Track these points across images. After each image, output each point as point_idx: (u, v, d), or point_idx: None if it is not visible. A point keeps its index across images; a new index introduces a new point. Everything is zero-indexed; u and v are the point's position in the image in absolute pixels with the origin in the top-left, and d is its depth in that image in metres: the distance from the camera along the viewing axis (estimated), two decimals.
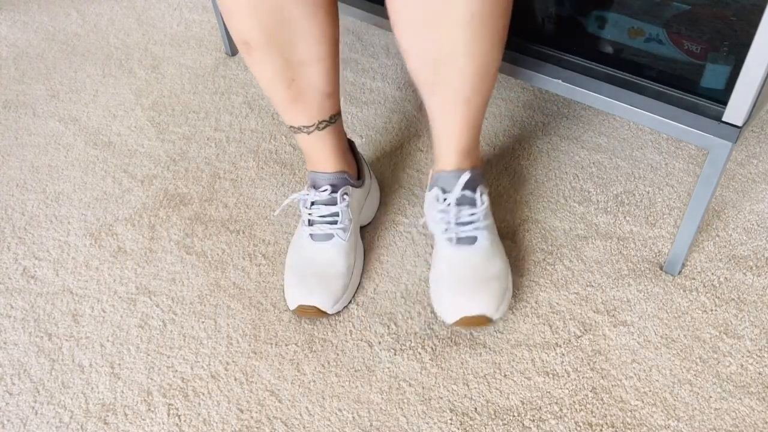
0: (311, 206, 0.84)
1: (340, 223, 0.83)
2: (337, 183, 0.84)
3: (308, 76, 0.75)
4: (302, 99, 0.78)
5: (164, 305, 0.84)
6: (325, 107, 0.80)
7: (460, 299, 0.75)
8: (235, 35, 0.72)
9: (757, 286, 0.83)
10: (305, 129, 0.81)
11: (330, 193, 0.83)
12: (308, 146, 0.83)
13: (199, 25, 1.41)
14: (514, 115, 1.12)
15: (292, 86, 0.76)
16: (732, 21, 0.67)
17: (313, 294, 0.79)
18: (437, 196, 0.80)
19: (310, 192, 0.84)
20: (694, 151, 1.04)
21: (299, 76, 0.75)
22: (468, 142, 0.77)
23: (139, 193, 1.00)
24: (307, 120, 0.80)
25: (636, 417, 0.71)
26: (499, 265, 0.79)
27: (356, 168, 0.90)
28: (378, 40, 1.32)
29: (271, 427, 0.71)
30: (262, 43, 0.70)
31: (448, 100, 0.72)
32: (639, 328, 0.79)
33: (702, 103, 0.71)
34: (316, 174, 0.84)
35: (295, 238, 0.86)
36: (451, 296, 0.76)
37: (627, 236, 0.90)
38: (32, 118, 1.16)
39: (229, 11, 0.69)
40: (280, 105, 0.79)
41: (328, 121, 0.82)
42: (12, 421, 0.73)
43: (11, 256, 0.91)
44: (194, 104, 1.18)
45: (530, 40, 0.82)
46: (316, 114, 0.80)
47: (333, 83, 0.79)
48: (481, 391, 0.74)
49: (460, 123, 0.75)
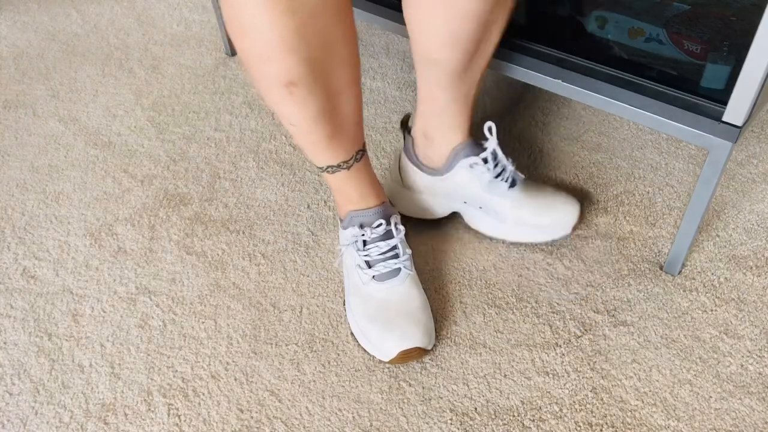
0: (365, 246, 0.79)
1: (402, 255, 0.79)
2: (386, 214, 0.79)
3: (345, 104, 0.70)
4: (341, 131, 0.72)
5: (164, 305, 0.84)
6: (358, 136, 0.76)
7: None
8: (271, 80, 0.64)
9: (757, 286, 0.83)
10: (345, 164, 0.75)
11: (385, 227, 0.78)
12: (347, 183, 0.78)
13: (199, 25, 1.41)
14: (514, 115, 1.12)
15: (331, 120, 0.70)
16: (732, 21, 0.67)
17: (408, 336, 0.74)
18: None
19: (365, 231, 0.78)
20: (694, 151, 1.04)
21: (338, 107, 0.70)
22: None
23: (139, 193, 1.00)
24: (346, 154, 0.75)
25: (636, 417, 0.71)
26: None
27: None
28: (378, 40, 1.32)
29: (271, 427, 0.71)
30: (308, 78, 0.64)
31: None
32: (639, 328, 0.79)
33: (702, 103, 0.71)
34: (361, 212, 0.79)
35: (354, 287, 0.80)
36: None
37: (627, 236, 0.90)
38: (32, 118, 1.16)
39: (261, 54, 0.62)
40: (318, 144, 0.73)
41: (362, 150, 0.78)
42: (12, 421, 0.73)
43: (11, 256, 0.91)
44: (194, 104, 1.18)
45: (531, 40, 0.82)
46: (353, 144, 0.75)
47: (361, 108, 0.75)
48: (481, 391, 0.74)
49: None
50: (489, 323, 0.81)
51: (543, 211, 0.85)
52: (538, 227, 0.85)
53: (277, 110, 0.69)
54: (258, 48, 0.61)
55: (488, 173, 0.83)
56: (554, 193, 0.88)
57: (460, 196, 0.86)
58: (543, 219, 0.85)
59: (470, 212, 0.88)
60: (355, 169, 0.77)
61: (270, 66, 0.62)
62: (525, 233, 0.86)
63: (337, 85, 0.68)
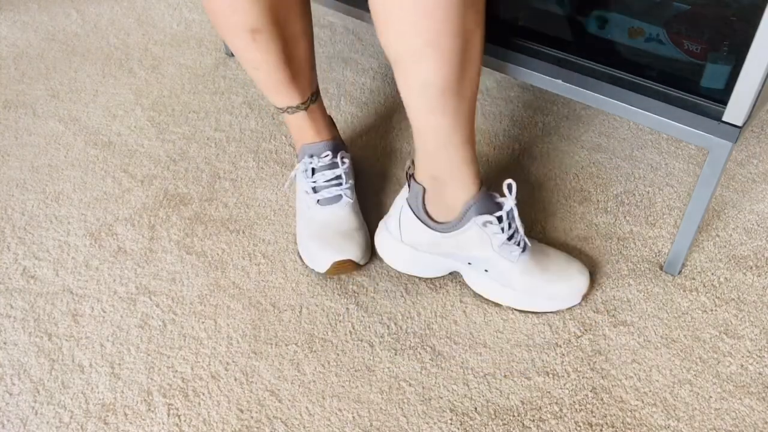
0: (313, 174, 0.89)
1: (345, 183, 0.89)
2: (335, 148, 0.90)
3: (301, 50, 0.84)
4: (298, 75, 0.85)
5: (164, 305, 0.84)
6: (312, 80, 0.89)
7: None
8: (238, 28, 0.77)
9: (757, 286, 0.83)
10: (302, 105, 0.88)
11: (331, 158, 0.89)
12: (302, 122, 0.89)
13: (199, 25, 1.41)
14: (514, 115, 1.12)
15: (290, 64, 0.83)
16: (732, 21, 0.67)
17: (343, 250, 0.83)
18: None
19: (313, 160, 0.89)
20: (694, 151, 1.04)
21: (295, 52, 0.83)
22: None
23: (139, 193, 1.00)
24: (301, 96, 0.87)
25: (636, 417, 0.71)
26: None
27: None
28: (378, 40, 1.32)
29: (271, 427, 0.71)
30: (268, 24, 0.77)
31: None
32: (639, 328, 0.79)
33: (702, 103, 0.71)
34: (312, 145, 0.90)
35: (300, 211, 0.90)
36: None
37: (627, 236, 0.90)
38: (32, 118, 1.16)
39: (229, 7, 0.75)
40: (277, 87, 0.85)
41: (316, 92, 0.90)
42: (12, 421, 0.73)
43: (11, 256, 0.91)
44: (194, 104, 1.18)
45: (531, 40, 0.82)
46: (308, 88, 0.88)
47: (314, 55, 0.88)
48: (481, 391, 0.74)
49: None
50: (489, 323, 0.81)
51: (554, 281, 0.80)
52: (548, 297, 0.80)
53: (243, 56, 0.81)
54: (227, 2, 0.75)
55: (501, 234, 0.77)
56: (564, 260, 0.83)
57: (465, 256, 0.80)
58: (554, 289, 0.80)
59: (473, 275, 0.82)
60: (310, 110, 0.89)
61: (237, 17, 0.76)
62: (534, 302, 0.81)
63: (293, 32, 0.81)
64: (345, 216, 0.87)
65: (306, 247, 0.86)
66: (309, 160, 0.89)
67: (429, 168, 0.76)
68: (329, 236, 0.85)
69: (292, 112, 0.88)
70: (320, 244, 0.84)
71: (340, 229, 0.86)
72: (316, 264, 0.84)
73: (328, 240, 0.84)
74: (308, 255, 0.86)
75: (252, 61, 0.82)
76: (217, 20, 0.78)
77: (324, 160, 0.89)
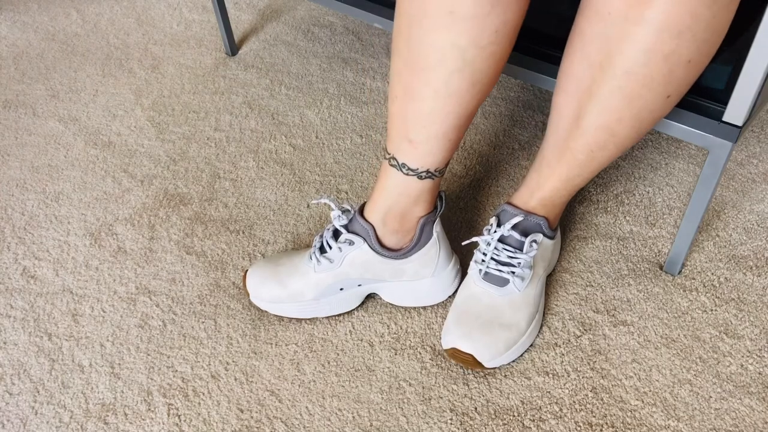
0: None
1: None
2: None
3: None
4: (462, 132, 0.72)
5: (164, 305, 0.84)
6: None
7: (458, 331, 0.74)
8: None
9: (757, 286, 0.83)
10: (438, 173, 0.73)
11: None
12: (431, 192, 0.75)
13: (199, 25, 1.41)
14: (514, 115, 1.12)
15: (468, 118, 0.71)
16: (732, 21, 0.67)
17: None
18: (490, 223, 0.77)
19: None
20: (694, 151, 1.04)
21: None
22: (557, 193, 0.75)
23: (139, 193, 1.00)
24: (444, 160, 0.73)
25: (636, 417, 0.71)
26: (517, 318, 0.75)
27: None
28: (378, 40, 1.32)
29: (271, 427, 0.71)
30: None
31: None
32: (639, 328, 0.79)
33: (702, 103, 0.71)
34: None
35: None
36: (453, 324, 0.75)
37: (627, 236, 0.90)
38: (32, 118, 1.16)
39: None
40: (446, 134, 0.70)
41: None
42: (12, 421, 0.73)
43: (11, 256, 0.91)
44: (194, 104, 1.18)
45: (531, 40, 0.82)
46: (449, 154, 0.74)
47: None
48: (481, 391, 0.74)
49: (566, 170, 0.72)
50: None
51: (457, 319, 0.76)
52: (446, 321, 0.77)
53: None
54: None
55: None
56: None
57: None
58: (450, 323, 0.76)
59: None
60: (438, 181, 0.74)
61: None
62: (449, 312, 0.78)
63: None
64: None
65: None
66: None
67: None
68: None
69: (424, 177, 0.72)
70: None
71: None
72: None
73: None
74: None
75: None
76: None
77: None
